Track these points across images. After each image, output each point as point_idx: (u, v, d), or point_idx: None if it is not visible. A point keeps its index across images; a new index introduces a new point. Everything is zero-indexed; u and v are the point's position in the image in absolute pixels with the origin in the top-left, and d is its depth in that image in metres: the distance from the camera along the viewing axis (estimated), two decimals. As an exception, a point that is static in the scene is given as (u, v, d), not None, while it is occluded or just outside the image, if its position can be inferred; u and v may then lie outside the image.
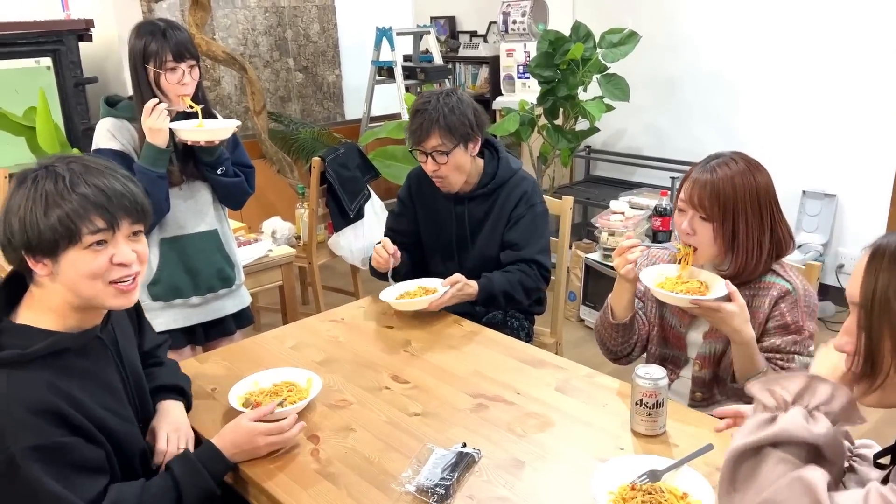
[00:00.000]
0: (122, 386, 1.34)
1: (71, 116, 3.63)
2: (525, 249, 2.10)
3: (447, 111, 1.99)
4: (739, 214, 1.56)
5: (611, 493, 1.21)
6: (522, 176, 2.18)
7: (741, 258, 1.58)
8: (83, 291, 1.22)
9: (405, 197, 2.28)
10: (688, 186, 1.61)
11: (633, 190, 4.07)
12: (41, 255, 1.19)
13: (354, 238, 3.36)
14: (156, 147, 1.95)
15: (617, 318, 1.73)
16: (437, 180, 2.10)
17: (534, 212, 2.14)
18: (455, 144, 2.02)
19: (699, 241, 1.60)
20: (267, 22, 4.83)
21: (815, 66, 3.58)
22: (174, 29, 1.97)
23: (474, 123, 2.04)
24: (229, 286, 2.24)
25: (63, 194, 1.18)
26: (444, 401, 1.58)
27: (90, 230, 1.19)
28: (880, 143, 3.41)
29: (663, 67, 4.19)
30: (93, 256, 1.20)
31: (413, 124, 2.04)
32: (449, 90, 2.08)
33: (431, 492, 1.25)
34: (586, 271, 3.64)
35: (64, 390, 1.19)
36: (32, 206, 1.17)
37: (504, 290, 2.05)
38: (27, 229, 1.17)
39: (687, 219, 1.61)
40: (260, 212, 3.93)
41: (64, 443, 1.17)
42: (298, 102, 5.12)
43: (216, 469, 1.34)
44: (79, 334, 1.25)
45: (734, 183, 1.56)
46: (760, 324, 1.61)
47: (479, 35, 5.31)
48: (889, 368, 0.90)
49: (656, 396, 1.38)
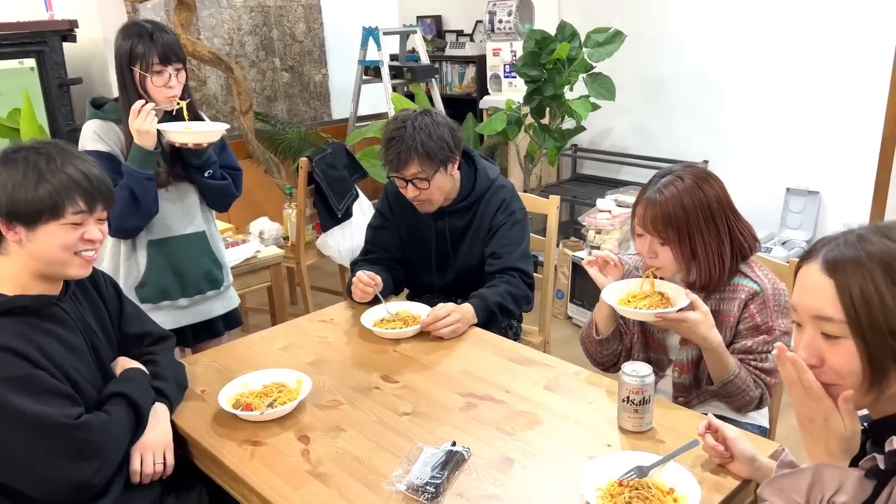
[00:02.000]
0: (86, 348, 1.45)
1: (55, 117, 3.60)
2: (506, 257, 2.09)
3: (424, 137, 1.93)
4: (695, 233, 1.57)
5: (599, 489, 1.22)
6: (500, 184, 2.16)
7: (705, 271, 1.60)
8: (52, 258, 1.36)
9: (385, 210, 2.23)
10: (640, 211, 1.62)
11: (620, 188, 4.10)
12: (19, 224, 1.33)
13: (342, 238, 3.36)
14: (143, 149, 1.94)
15: (601, 332, 1.76)
16: (418, 204, 2.06)
17: (513, 219, 2.12)
18: (435, 170, 1.98)
19: (661, 262, 1.63)
20: (252, 21, 4.81)
21: (797, 65, 3.62)
22: (161, 31, 1.96)
23: (452, 144, 2.00)
24: (217, 288, 2.24)
25: (54, 172, 1.33)
26: (434, 400, 1.59)
27: (73, 210, 1.35)
28: (862, 141, 3.46)
29: (649, 67, 4.22)
30: (68, 231, 1.36)
31: (389, 153, 1.96)
32: (422, 111, 2.02)
33: (422, 490, 1.26)
34: (573, 269, 3.66)
35: (30, 338, 1.32)
36: (23, 178, 1.32)
37: (498, 303, 2.01)
38: (14, 198, 1.31)
39: (646, 244, 1.62)
40: (247, 212, 3.92)
41: (34, 373, 1.29)
42: (285, 102, 5.11)
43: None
44: (35, 297, 1.37)
45: (683, 203, 1.56)
46: (732, 327, 1.63)
47: (466, 34, 5.32)
48: (892, 370, 0.89)
49: (643, 393, 1.40)
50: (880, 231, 0.91)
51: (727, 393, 1.60)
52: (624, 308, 1.60)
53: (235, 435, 1.48)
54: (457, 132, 2.04)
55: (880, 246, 0.90)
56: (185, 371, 1.68)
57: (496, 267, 2.09)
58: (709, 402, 1.71)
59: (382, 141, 2.01)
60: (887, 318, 0.88)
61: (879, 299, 0.88)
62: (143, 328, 1.65)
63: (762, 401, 1.61)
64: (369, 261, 2.23)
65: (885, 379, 0.90)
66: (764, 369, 1.60)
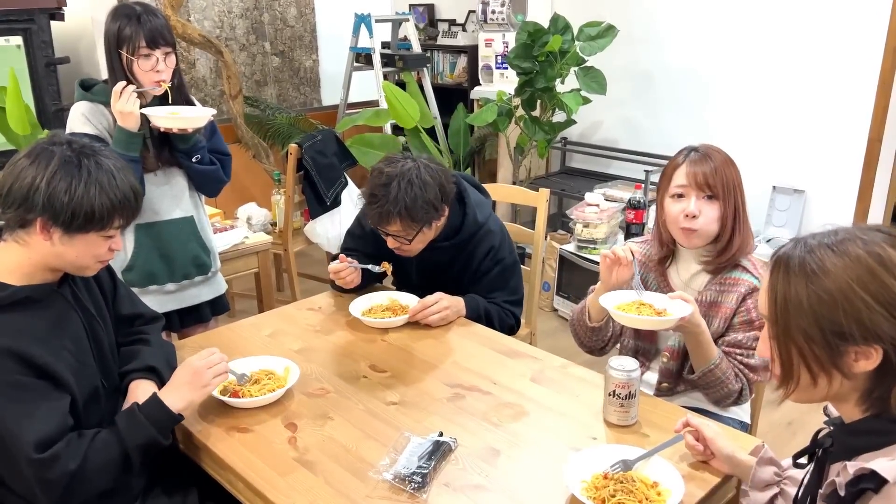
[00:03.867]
0: (85, 334, 1.43)
1: (42, 97, 3.56)
2: (497, 295, 2.04)
3: (409, 201, 1.81)
4: (739, 193, 1.64)
5: (584, 482, 1.24)
6: (489, 229, 2.03)
7: (739, 236, 1.64)
8: (77, 263, 1.36)
9: (366, 224, 2.08)
10: (687, 171, 1.64)
11: (608, 182, 4.11)
12: (57, 226, 1.29)
13: (331, 225, 3.35)
14: (127, 130, 1.93)
15: (594, 320, 1.76)
16: (399, 252, 1.98)
17: (503, 265, 2.05)
18: (418, 230, 1.89)
19: (703, 222, 1.62)
20: (243, 5, 4.77)
21: (787, 65, 3.64)
22: (150, 14, 1.94)
23: (439, 203, 1.89)
24: (205, 273, 2.23)
25: (111, 184, 1.33)
26: (422, 390, 1.60)
27: (114, 226, 1.36)
28: (847, 140, 3.49)
29: (639, 62, 4.23)
30: (102, 242, 1.37)
31: (371, 209, 1.87)
32: (410, 169, 1.86)
33: (408, 480, 1.27)
34: (560, 262, 3.68)
35: (28, 334, 1.29)
36: (76, 182, 1.29)
37: (487, 311, 2.00)
38: (65, 203, 1.28)
39: (690, 202, 1.63)
40: (235, 197, 3.90)
41: (25, 382, 1.26)
42: (274, 87, 5.07)
43: (158, 419, 1.38)
44: (38, 286, 1.35)
45: (725, 159, 1.65)
46: (727, 318, 1.65)
47: (458, 24, 5.30)
48: (799, 372, 0.96)
49: (629, 388, 1.41)
50: (830, 246, 0.94)
51: (706, 383, 1.62)
52: (625, 315, 1.55)
53: (222, 421, 1.48)
54: (446, 185, 1.92)
55: (812, 254, 0.94)
56: (174, 352, 1.68)
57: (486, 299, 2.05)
58: (690, 392, 1.73)
59: (366, 192, 1.90)
60: (798, 321, 0.93)
61: (796, 302, 0.93)
62: (134, 309, 1.64)
63: (741, 395, 1.63)
64: None
65: (795, 381, 0.97)
66: (749, 365, 1.63)
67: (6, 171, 1.31)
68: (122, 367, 1.54)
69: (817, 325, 0.92)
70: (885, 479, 0.87)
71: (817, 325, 0.92)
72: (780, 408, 2.74)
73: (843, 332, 0.90)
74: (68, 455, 1.27)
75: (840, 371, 0.93)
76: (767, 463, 1.25)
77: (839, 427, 1.01)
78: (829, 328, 0.91)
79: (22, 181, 1.28)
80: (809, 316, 0.92)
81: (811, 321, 0.92)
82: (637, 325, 1.58)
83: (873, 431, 0.95)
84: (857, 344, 0.90)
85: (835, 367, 0.93)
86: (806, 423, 2.74)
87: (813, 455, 1.06)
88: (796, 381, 0.97)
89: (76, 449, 1.29)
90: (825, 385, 0.96)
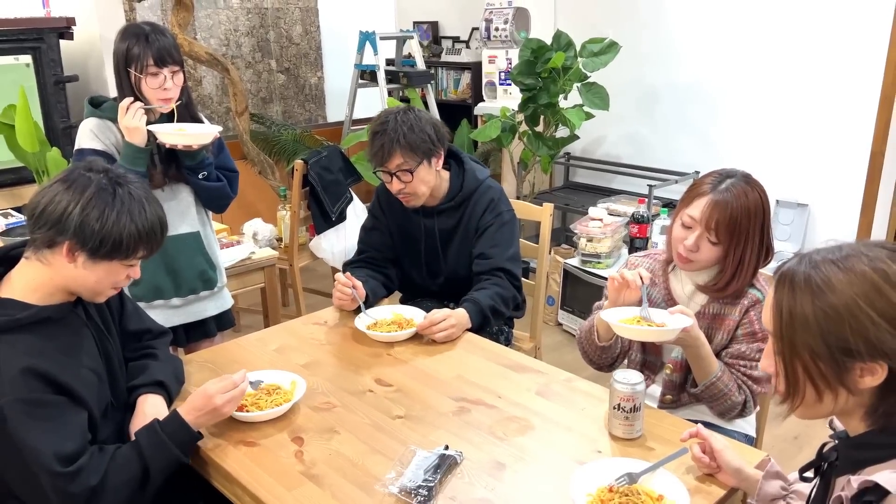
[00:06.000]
0: (97, 351, 1.47)
1: (51, 115, 3.60)
2: (494, 258, 2.11)
3: (406, 130, 1.98)
4: (749, 240, 1.58)
5: (589, 495, 1.24)
6: (489, 185, 2.19)
7: (740, 279, 1.61)
8: (94, 288, 1.39)
9: (376, 211, 2.28)
10: (704, 206, 1.58)
11: (612, 197, 4.13)
12: (83, 250, 1.32)
13: (336, 240, 3.37)
14: (134, 146, 1.95)
15: (603, 339, 1.76)
16: (403, 197, 2.10)
17: (501, 220, 2.15)
18: (418, 162, 2.01)
19: (701, 257, 1.62)
20: (249, 23, 4.82)
21: (789, 80, 3.67)
22: (158, 33, 1.97)
23: (435, 138, 2.04)
24: (211, 288, 2.25)
25: (141, 215, 1.36)
26: (427, 404, 1.61)
27: (137, 256, 1.40)
28: (851, 155, 3.51)
29: (643, 77, 4.26)
30: (122, 270, 1.40)
31: (374, 146, 2.02)
32: (405, 108, 2.07)
33: (414, 493, 1.27)
34: (565, 276, 3.69)
35: (49, 353, 1.33)
36: (108, 210, 1.32)
37: (491, 307, 2.02)
38: (96, 230, 1.31)
39: (694, 236, 1.60)
40: (241, 213, 3.92)
41: (48, 399, 1.29)
42: (280, 104, 5.12)
43: (181, 439, 1.39)
44: (58, 306, 1.39)
45: (748, 208, 1.57)
46: (730, 331, 1.66)
47: (462, 41, 5.35)
48: (804, 388, 0.96)
49: (634, 401, 1.42)
50: (835, 262, 0.94)
51: (710, 396, 1.62)
52: (626, 326, 1.55)
53: (230, 435, 1.49)
54: (440, 128, 2.08)
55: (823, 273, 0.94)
56: (182, 366, 1.70)
57: (483, 268, 2.12)
58: (694, 405, 1.73)
59: (369, 135, 2.06)
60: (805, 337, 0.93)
61: (802, 318, 0.93)
62: (142, 325, 1.67)
63: (745, 407, 1.64)
64: (363, 260, 2.26)
65: (800, 396, 0.97)
66: (752, 377, 1.63)
67: (40, 192, 1.35)
68: (129, 381, 1.55)
69: (823, 342, 0.92)
70: (888, 490, 0.87)
71: (823, 342, 0.92)
72: (785, 422, 2.73)
73: (849, 348, 0.91)
74: (90, 470, 1.29)
75: (846, 387, 0.93)
76: (774, 477, 1.25)
77: (844, 441, 1.01)
78: (836, 344, 0.91)
79: (56, 204, 1.31)
80: (815, 332, 0.92)
81: (817, 337, 0.92)
82: (638, 336, 1.59)
83: (878, 445, 0.95)
84: (864, 360, 0.91)
85: (840, 384, 0.93)
86: (812, 437, 2.73)
87: (819, 469, 1.06)
88: (801, 396, 0.97)
89: (97, 464, 1.31)
90: (830, 401, 0.96)
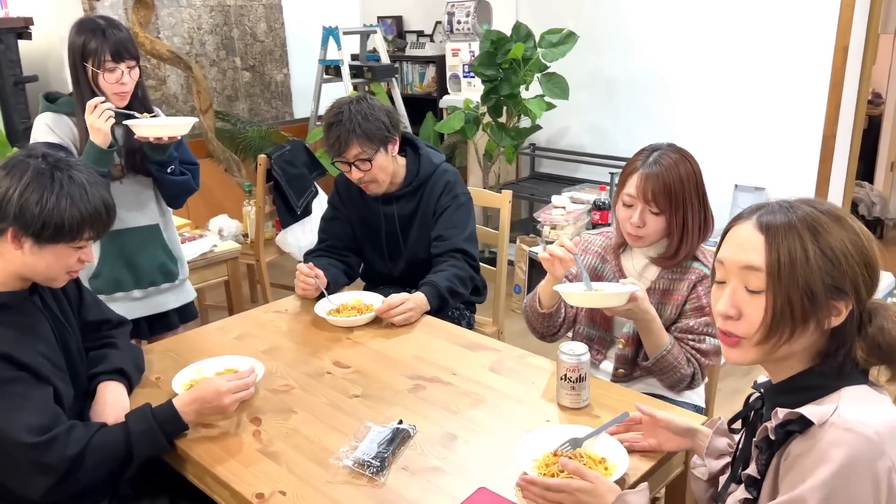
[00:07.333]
0: (55, 340, 1.48)
1: (10, 116, 3.57)
2: (451, 240, 2.16)
3: (361, 119, 2.03)
4: (688, 204, 1.66)
5: (535, 460, 1.29)
6: (444, 169, 2.24)
7: (686, 242, 1.68)
8: (46, 273, 1.41)
9: (336, 201, 2.32)
10: (637, 182, 1.66)
11: (576, 186, 4.19)
12: (27, 236, 1.34)
13: (302, 234, 3.39)
14: (98, 146, 1.94)
15: (544, 307, 1.82)
16: (365, 186, 2.15)
17: (457, 202, 2.21)
18: (376, 150, 2.06)
19: (648, 231, 1.68)
20: (213, 21, 4.81)
21: (742, 67, 3.76)
22: (114, 28, 1.98)
23: (389, 125, 2.09)
24: (172, 281, 2.27)
25: (83, 198, 1.36)
26: (384, 383, 1.65)
27: (84, 238, 1.40)
28: (804, 139, 3.61)
29: (603, 68, 4.32)
30: (71, 253, 1.41)
31: (330, 137, 2.06)
32: (358, 97, 2.11)
33: (368, 464, 1.32)
34: (530, 265, 3.75)
35: (5, 337, 1.34)
36: (47, 194, 1.33)
37: (448, 288, 2.07)
38: (36, 214, 1.32)
39: (637, 213, 1.67)
40: (207, 210, 3.92)
41: (9, 376, 1.32)
42: (246, 101, 5.11)
43: (171, 429, 1.42)
44: (12, 293, 1.40)
45: (680, 174, 1.64)
46: (679, 305, 1.72)
47: (426, 35, 5.38)
48: (784, 327, 0.97)
49: (579, 371, 1.47)
50: (807, 202, 1.00)
51: (660, 369, 1.68)
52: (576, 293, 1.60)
53: (188, 419, 1.51)
54: (394, 115, 2.13)
55: (807, 210, 0.99)
56: (143, 355, 1.73)
57: (441, 249, 2.17)
58: (646, 378, 1.79)
59: (324, 127, 2.10)
60: (805, 276, 0.95)
61: (804, 257, 0.96)
62: (101, 315, 1.68)
63: (693, 379, 1.70)
64: (323, 249, 2.29)
65: (779, 336, 0.98)
66: (700, 350, 1.69)
67: None
68: (90, 370, 1.57)
69: (821, 280, 0.95)
70: (811, 421, 0.93)
71: (821, 280, 0.95)
72: (733, 393, 2.78)
73: (837, 286, 0.95)
74: (69, 440, 1.31)
75: (819, 326, 0.97)
76: (722, 434, 1.30)
77: (769, 389, 1.07)
78: (830, 283, 0.95)
79: None
80: (815, 270, 0.95)
81: (815, 275, 0.95)
82: (588, 303, 1.64)
83: (801, 388, 1.00)
84: (842, 299, 0.96)
85: (816, 322, 0.97)
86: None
87: (746, 419, 1.12)
88: (780, 335, 0.98)
89: (78, 436, 1.33)
90: (800, 340, 0.98)
